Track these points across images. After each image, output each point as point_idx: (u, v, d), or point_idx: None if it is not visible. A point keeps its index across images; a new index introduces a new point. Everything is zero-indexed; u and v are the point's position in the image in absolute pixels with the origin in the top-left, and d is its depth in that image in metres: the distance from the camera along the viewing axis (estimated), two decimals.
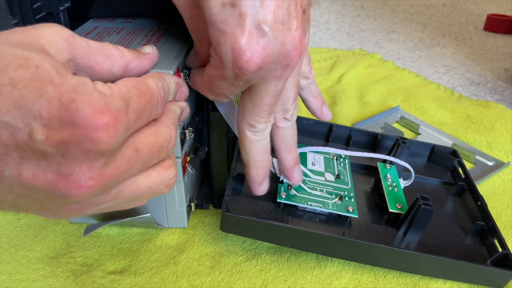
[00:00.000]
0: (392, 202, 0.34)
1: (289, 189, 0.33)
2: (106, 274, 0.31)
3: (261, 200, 0.33)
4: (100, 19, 0.35)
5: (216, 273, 0.31)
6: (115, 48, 0.23)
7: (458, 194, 0.38)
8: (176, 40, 0.31)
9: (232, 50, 0.21)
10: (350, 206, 0.33)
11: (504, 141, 0.47)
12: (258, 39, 0.21)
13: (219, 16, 0.21)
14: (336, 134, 0.42)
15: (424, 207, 0.30)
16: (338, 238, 0.30)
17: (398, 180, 0.36)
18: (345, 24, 0.89)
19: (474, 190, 0.36)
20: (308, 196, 0.33)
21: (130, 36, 0.32)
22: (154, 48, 0.26)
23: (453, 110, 0.54)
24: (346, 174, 0.36)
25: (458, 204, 0.37)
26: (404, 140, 0.39)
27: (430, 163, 0.42)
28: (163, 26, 0.34)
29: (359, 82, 0.61)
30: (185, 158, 0.31)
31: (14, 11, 0.28)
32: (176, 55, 0.29)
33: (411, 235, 0.32)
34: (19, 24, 0.28)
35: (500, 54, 0.74)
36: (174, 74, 0.27)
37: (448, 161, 0.40)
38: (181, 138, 0.30)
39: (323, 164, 0.37)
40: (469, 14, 0.96)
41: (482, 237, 0.33)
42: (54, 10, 0.30)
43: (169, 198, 0.32)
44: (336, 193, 0.34)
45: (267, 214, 0.32)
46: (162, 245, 0.34)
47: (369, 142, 0.42)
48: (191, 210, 0.35)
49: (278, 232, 0.31)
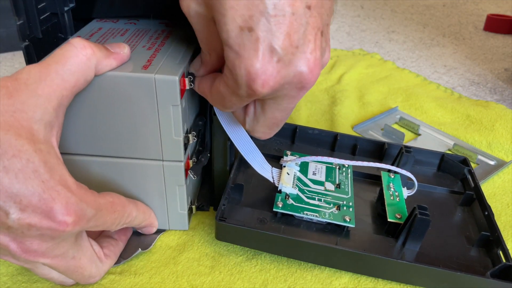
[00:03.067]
0: (392, 212, 0.33)
1: (287, 199, 0.33)
2: (106, 274, 0.31)
3: (259, 209, 0.33)
4: (104, 19, 0.35)
5: (216, 273, 0.31)
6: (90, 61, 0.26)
7: (466, 203, 0.37)
8: (181, 44, 0.31)
9: (247, 74, 0.22)
10: (347, 215, 0.32)
11: (504, 141, 0.47)
12: (273, 63, 0.22)
13: (237, 39, 0.21)
14: (342, 143, 0.42)
15: (421, 216, 0.30)
16: (331, 247, 0.30)
17: (401, 190, 0.36)
18: (345, 24, 0.89)
19: (482, 200, 0.35)
20: (305, 205, 0.33)
21: (135, 38, 0.32)
22: (127, 48, 0.28)
23: (453, 110, 0.54)
24: (347, 184, 0.36)
25: (466, 213, 0.36)
26: (409, 148, 0.38)
27: (440, 171, 0.41)
28: (167, 28, 0.34)
29: (359, 82, 0.61)
30: (187, 162, 0.31)
31: (19, 12, 0.28)
32: (181, 60, 0.29)
33: (409, 246, 0.32)
34: (24, 25, 0.29)
35: (500, 54, 0.74)
36: (180, 79, 0.27)
37: (458, 170, 0.39)
38: (184, 142, 0.30)
39: (325, 173, 0.37)
40: (469, 14, 0.96)
41: (487, 248, 0.32)
42: (59, 10, 0.31)
43: (171, 201, 0.32)
44: (335, 203, 0.34)
45: (263, 223, 0.32)
46: (162, 245, 0.34)
47: (375, 151, 0.41)
48: (192, 213, 0.35)
49: (272, 242, 0.31)
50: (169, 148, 0.30)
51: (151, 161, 0.30)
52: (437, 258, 0.31)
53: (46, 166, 0.22)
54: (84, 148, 0.30)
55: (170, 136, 0.29)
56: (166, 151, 0.30)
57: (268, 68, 0.22)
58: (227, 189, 0.33)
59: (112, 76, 0.27)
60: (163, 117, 0.28)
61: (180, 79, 0.27)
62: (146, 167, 0.30)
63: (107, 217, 0.26)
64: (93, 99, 0.27)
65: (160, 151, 0.30)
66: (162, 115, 0.28)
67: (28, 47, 0.29)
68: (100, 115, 0.28)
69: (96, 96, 0.27)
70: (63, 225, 0.23)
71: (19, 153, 0.21)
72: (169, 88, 0.27)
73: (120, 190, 0.31)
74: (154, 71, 0.27)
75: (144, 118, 0.28)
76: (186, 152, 0.31)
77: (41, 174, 0.22)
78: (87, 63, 0.25)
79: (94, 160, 0.30)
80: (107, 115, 0.28)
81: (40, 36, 0.30)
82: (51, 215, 0.22)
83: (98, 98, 0.27)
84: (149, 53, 0.29)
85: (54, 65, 0.24)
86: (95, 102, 0.28)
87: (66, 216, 0.23)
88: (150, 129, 0.29)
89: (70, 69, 0.24)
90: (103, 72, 0.26)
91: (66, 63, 0.24)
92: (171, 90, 0.27)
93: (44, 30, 0.30)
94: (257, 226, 0.32)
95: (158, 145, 0.29)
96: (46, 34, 0.30)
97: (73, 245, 0.25)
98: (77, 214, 0.23)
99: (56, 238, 0.23)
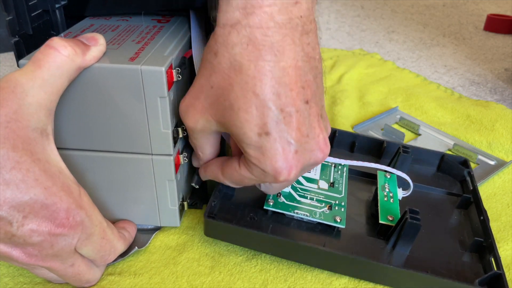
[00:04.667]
0: (384, 213, 0.33)
1: (278, 197, 0.33)
2: (106, 275, 0.31)
3: (250, 206, 0.33)
4: (97, 17, 0.35)
5: (216, 273, 0.31)
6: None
7: (463, 206, 0.36)
8: (170, 38, 0.31)
9: (273, 169, 0.25)
10: (338, 215, 0.32)
11: (504, 141, 0.47)
12: (292, 154, 0.25)
13: (257, 143, 0.25)
14: (340, 140, 0.41)
15: (411, 221, 0.29)
16: (318, 248, 0.29)
17: (396, 190, 0.35)
18: (345, 24, 0.89)
19: (478, 203, 0.35)
20: (297, 204, 0.33)
21: (125, 33, 0.32)
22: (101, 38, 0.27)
23: (453, 110, 0.54)
24: (341, 183, 0.36)
25: (463, 217, 0.35)
26: (406, 148, 0.37)
27: (440, 172, 0.40)
28: (159, 24, 0.34)
29: (359, 82, 0.61)
30: (177, 156, 0.31)
31: (9, 7, 0.28)
32: (170, 52, 0.29)
33: (399, 249, 0.31)
34: (14, 21, 0.28)
35: (500, 54, 0.74)
36: (167, 70, 0.27)
37: (458, 171, 0.39)
38: (173, 135, 0.30)
39: (319, 171, 0.36)
40: (469, 14, 0.96)
41: (480, 253, 0.32)
42: (50, 7, 0.30)
43: (161, 197, 0.32)
44: (327, 202, 0.33)
45: (252, 220, 0.32)
46: (162, 245, 0.33)
47: (373, 149, 0.41)
48: (183, 209, 0.35)
49: (258, 240, 0.31)
50: (157, 142, 0.29)
51: (140, 155, 0.30)
52: (428, 262, 0.31)
53: (47, 174, 0.23)
54: (72, 142, 0.30)
55: (158, 129, 0.29)
56: (155, 144, 0.29)
57: (290, 161, 0.25)
58: (219, 185, 0.33)
59: (99, 68, 0.27)
60: (151, 109, 0.28)
61: (167, 70, 0.27)
62: (135, 161, 0.30)
63: (97, 239, 0.27)
64: (80, 92, 0.27)
65: (148, 144, 0.29)
66: (150, 107, 0.28)
67: (18, 43, 0.29)
68: (87, 109, 0.28)
69: (83, 89, 0.27)
70: (61, 228, 0.23)
71: (18, 165, 0.22)
72: (156, 80, 0.27)
73: (110, 185, 0.31)
74: (140, 63, 0.27)
75: (132, 111, 0.28)
76: (176, 146, 0.31)
77: (43, 181, 0.23)
78: (70, 63, 0.25)
79: (82, 155, 0.30)
80: (94, 108, 0.28)
81: (30, 33, 0.29)
82: (52, 219, 0.23)
83: (85, 91, 0.27)
84: (137, 46, 0.29)
85: (39, 71, 0.24)
86: (82, 95, 0.27)
87: (65, 220, 0.24)
88: (138, 122, 0.28)
89: (55, 74, 0.24)
90: (86, 67, 0.26)
91: (50, 67, 0.24)
92: (158, 82, 0.27)
93: (36, 27, 0.30)
94: (245, 223, 0.32)
95: (146, 138, 0.29)
96: (38, 31, 0.30)
97: (72, 253, 0.26)
98: (75, 219, 0.24)
99: (55, 245, 0.24)
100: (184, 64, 0.30)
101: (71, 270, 0.26)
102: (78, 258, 0.26)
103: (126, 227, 0.32)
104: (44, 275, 0.28)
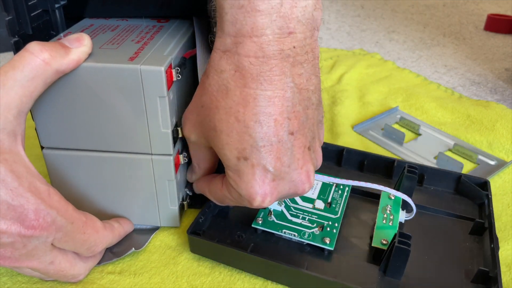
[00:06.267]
0: (378, 237, 0.31)
1: (269, 215, 0.33)
2: (106, 274, 0.31)
3: (242, 224, 0.33)
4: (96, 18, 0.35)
5: (216, 273, 0.31)
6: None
7: (477, 232, 0.33)
8: (170, 37, 0.31)
9: (247, 194, 0.26)
10: (328, 237, 0.31)
11: (505, 141, 0.47)
12: (268, 181, 0.25)
13: (236, 167, 0.25)
14: (349, 159, 0.39)
15: (398, 245, 0.27)
16: (297, 271, 0.28)
17: (398, 213, 0.33)
18: (345, 24, 0.89)
19: (491, 230, 0.32)
20: (286, 223, 0.32)
21: (125, 32, 0.32)
22: (87, 39, 0.27)
23: (453, 110, 0.54)
24: (339, 203, 0.34)
25: (475, 244, 0.32)
26: (412, 168, 0.34)
27: (457, 194, 0.37)
28: (158, 24, 0.34)
29: (359, 82, 0.61)
30: (177, 156, 0.31)
31: (8, 7, 0.28)
32: (169, 52, 0.29)
33: (390, 275, 0.29)
34: (13, 21, 0.28)
35: (501, 54, 0.74)
36: (166, 70, 0.27)
37: (475, 194, 0.36)
38: (173, 135, 0.30)
39: (318, 190, 0.36)
40: (469, 14, 0.96)
41: (485, 284, 0.29)
42: (50, 7, 0.30)
43: (161, 196, 0.32)
44: (319, 222, 0.32)
45: (240, 238, 0.32)
46: (162, 245, 0.33)
47: (384, 167, 0.39)
48: (183, 210, 0.35)
49: (240, 259, 0.30)
50: (157, 141, 0.29)
51: (139, 155, 0.30)
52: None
53: (14, 175, 0.23)
54: (71, 142, 0.30)
55: (158, 128, 0.29)
56: (155, 144, 0.29)
57: (265, 188, 0.25)
58: (208, 202, 0.33)
59: (98, 67, 0.27)
60: (150, 109, 0.28)
61: (167, 70, 0.27)
62: (135, 161, 0.30)
63: (77, 235, 0.26)
64: (80, 92, 0.27)
65: (148, 144, 0.29)
66: (149, 107, 0.28)
67: (17, 43, 0.29)
68: (87, 108, 0.28)
69: (82, 89, 0.27)
70: (31, 230, 0.23)
71: None
72: (155, 79, 0.27)
73: (110, 185, 0.31)
74: (140, 62, 0.27)
75: (132, 111, 0.28)
76: (175, 146, 0.31)
77: (9, 183, 0.22)
78: (45, 67, 0.24)
79: (82, 155, 0.30)
80: (94, 108, 0.28)
81: (30, 33, 0.29)
82: (20, 220, 0.23)
83: (84, 90, 0.27)
84: (137, 46, 0.29)
85: (11, 71, 0.24)
86: (82, 95, 0.27)
87: (34, 221, 0.23)
88: (138, 122, 0.28)
89: (28, 75, 0.24)
90: (68, 70, 0.26)
91: (24, 69, 0.24)
92: (158, 81, 0.27)
93: (36, 26, 0.30)
94: (231, 242, 0.31)
95: (146, 138, 0.29)
96: (38, 31, 0.30)
97: (49, 251, 0.25)
98: (45, 220, 0.24)
99: (28, 245, 0.24)
100: (183, 64, 0.30)
101: (52, 268, 0.26)
102: (58, 255, 0.26)
103: (118, 219, 0.32)
104: (32, 274, 0.27)
